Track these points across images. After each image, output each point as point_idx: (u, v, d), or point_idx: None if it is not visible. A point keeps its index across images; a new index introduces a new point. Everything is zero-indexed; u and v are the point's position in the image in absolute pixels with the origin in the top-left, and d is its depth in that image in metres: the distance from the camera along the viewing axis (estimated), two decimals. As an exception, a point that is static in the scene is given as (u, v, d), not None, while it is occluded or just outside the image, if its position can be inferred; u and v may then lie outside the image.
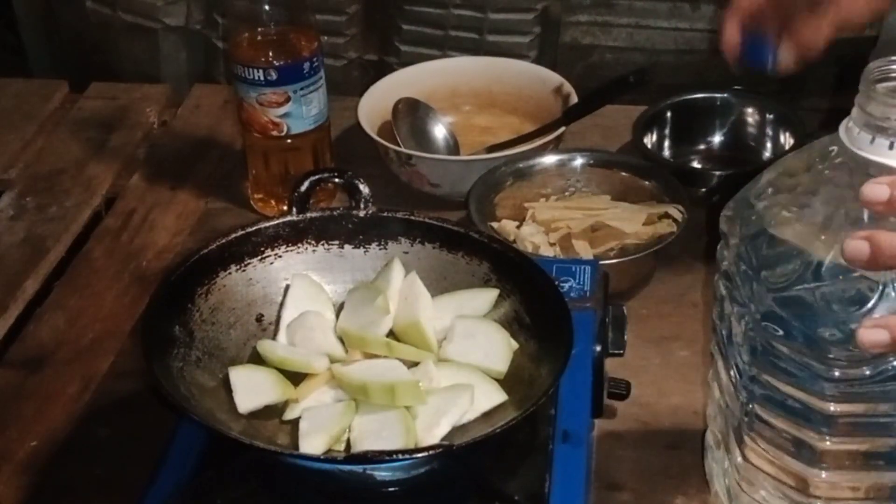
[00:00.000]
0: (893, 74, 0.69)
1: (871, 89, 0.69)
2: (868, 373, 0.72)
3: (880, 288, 0.70)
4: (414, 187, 1.20)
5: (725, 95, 1.26)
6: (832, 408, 0.74)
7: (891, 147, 0.68)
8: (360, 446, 0.79)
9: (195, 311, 0.86)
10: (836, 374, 0.72)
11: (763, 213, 0.75)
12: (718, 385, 0.84)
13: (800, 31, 0.93)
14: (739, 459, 0.81)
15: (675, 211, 1.09)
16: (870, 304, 0.70)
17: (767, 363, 0.76)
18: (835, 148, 0.71)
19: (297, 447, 0.79)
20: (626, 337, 0.91)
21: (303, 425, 0.80)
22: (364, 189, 0.92)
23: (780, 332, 0.73)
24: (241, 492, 0.80)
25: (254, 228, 0.90)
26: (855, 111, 0.70)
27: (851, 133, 0.70)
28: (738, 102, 1.25)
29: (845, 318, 0.70)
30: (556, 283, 0.88)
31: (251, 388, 0.83)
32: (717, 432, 0.85)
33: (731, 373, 0.81)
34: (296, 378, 0.85)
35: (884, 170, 0.68)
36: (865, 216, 0.69)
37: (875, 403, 0.74)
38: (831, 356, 0.72)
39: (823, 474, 0.77)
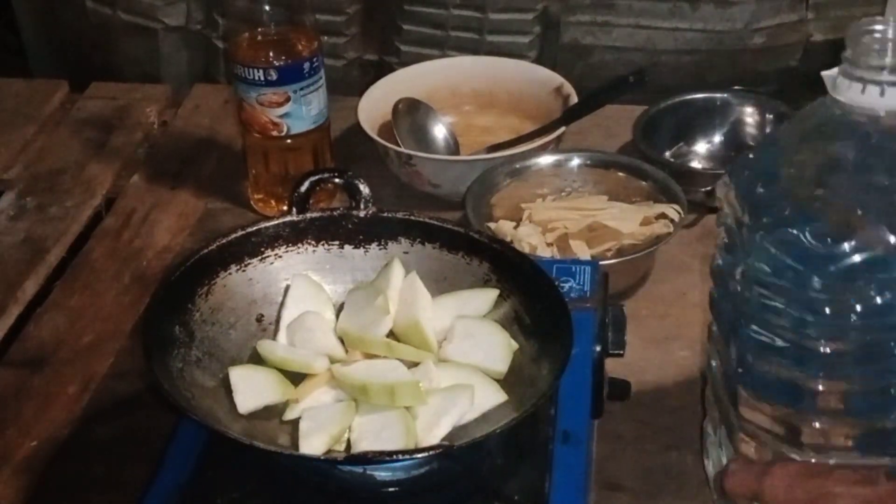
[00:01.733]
0: (877, 28, 0.74)
1: (859, 42, 0.74)
2: (859, 308, 0.75)
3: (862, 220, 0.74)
4: (414, 187, 1.20)
5: (725, 95, 1.27)
6: (822, 348, 0.76)
7: (882, 94, 0.73)
8: (360, 446, 0.79)
9: (195, 311, 0.86)
10: (827, 310, 0.75)
11: (759, 167, 0.80)
12: (717, 352, 0.85)
13: None
14: (735, 417, 0.82)
15: (672, 211, 1.09)
16: (851, 237, 0.74)
17: (760, 309, 0.78)
18: (827, 104, 0.76)
19: (297, 447, 0.79)
20: (626, 337, 0.91)
21: (303, 425, 0.80)
22: (364, 189, 0.92)
23: (770, 274, 0.77)
24: (241, 492, 0.80)
25: (254, 228, 0.90)
26: (844, 67, 0.75)
27: (840, 86, 0.75)
28: (737, 102, 1.26)
29: (833, 257, 0.74)
30: (556, 283, 0.89)
31: (251, 389, 0.83)
32: (714, 415, 0.87)
33: (726, 333, 0.82)
34: (296, 378, 0.85)
35: (867, 116, 0.74)
36: (851, 160, 0.75)
37: (865, 336, 0.76)
38: (820, 292, 0.75)
39: (816, 424, 0.79)
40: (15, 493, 0.92)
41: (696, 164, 1.25)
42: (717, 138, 1.26)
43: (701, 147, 1.26)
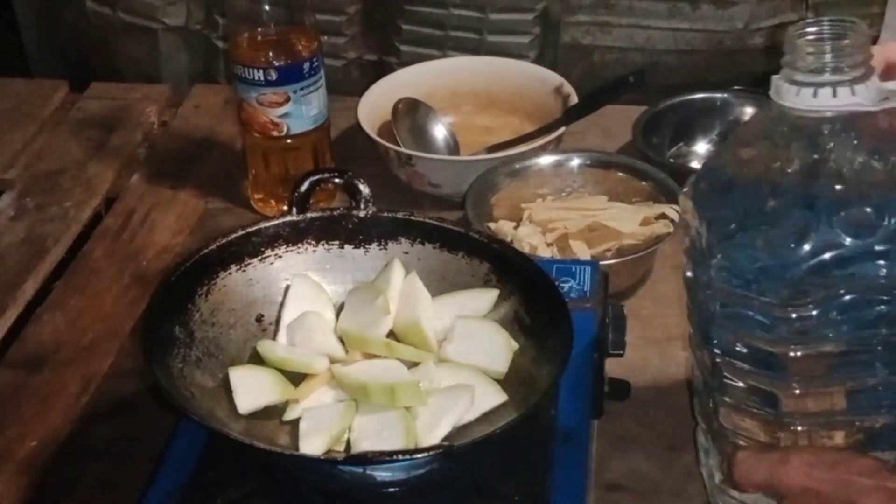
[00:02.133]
0: (811, 31, 0.75)
1: (793, 45, 0.74)
2: (818, 311, 0.75)
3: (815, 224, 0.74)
4: (414, 187, 1.20)
5: (725, 95, 1.27)
6: (791, 353, 0.76)
7: (815, 95, 0.74)
8: (360, 447, 0.79)
9: (195, 311, 0.86)
10: (793, 316, 0.75)
11: (711, 177, 0.80)
12: (696, 361, 0.85)
13: None
14: (717, 426, 0.82)
15: (672, 211, 1.09)
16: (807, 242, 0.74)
17: (725, 318, 0.78)
18: (770, 109, 0.77)
19: (297, 447, 0.79)
20: (626, 337, 0.91)
21: (303, 426, 0.80)
22: (364, 189, 0.92)
23: (730, 284, 0.77)
24: (241, 492, 0.80)
25: (254, 228, 0.90)
26: (782, 70, 0.75)
27: (780, 90, 0.75)
28: (738, 102, 1.26)
29: (788, 263, 0.74)
30: (556, 283, 0.89)
31: (251, 389, 0.83)
32: (702, 423, 0.86)
33: (700, 342, 0.82)
34: (296, 378, 0.85)
35: (807, 119, 0.74)
36: (797, 165, 0.75)
37: (838, 338, 0.76)
38: (780, 300, 0.75)
39: (799, 428, 0.78)
40: (15, 493, 0.92)
41: (696, 164, 1.24)
42: (717, 138, 1.26)
43: (701, 147, 1.26)
